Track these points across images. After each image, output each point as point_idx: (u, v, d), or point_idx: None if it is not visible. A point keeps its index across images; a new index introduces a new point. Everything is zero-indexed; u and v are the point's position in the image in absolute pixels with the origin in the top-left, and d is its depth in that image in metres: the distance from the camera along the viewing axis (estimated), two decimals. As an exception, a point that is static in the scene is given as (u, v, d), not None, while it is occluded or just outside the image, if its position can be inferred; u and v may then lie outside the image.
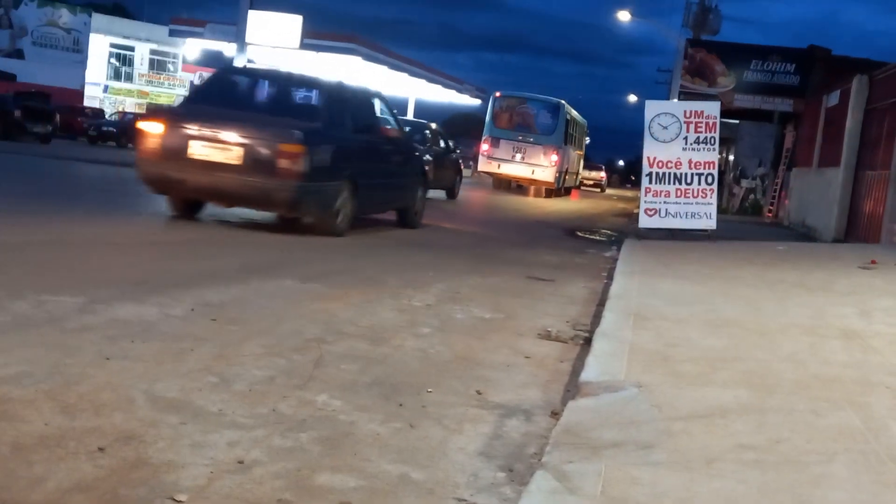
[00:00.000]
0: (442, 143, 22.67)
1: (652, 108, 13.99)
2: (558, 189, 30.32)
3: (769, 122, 27.05)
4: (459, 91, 49.44)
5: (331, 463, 3.07)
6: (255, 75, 12.19)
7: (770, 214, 25.56)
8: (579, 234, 15.76)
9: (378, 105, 11.98)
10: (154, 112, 16.64)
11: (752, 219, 25.42)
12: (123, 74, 55.26)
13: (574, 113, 32.81)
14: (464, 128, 75.18)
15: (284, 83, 11.25)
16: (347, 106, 10.74)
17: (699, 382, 4.18)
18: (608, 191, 56.18)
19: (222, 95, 10.55)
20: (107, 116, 38.12)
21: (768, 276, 8.93)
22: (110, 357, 4.07)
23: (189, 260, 7.45)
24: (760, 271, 9.37)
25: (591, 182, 53.27)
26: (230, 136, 9.19)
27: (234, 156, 9.15)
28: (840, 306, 6.88)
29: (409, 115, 51.88)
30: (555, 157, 27.88)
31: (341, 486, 2.87)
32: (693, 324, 5.73)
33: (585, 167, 46.85)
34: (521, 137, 28.37)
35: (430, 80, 43.41)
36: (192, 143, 9.25)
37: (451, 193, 22.44)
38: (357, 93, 11.67)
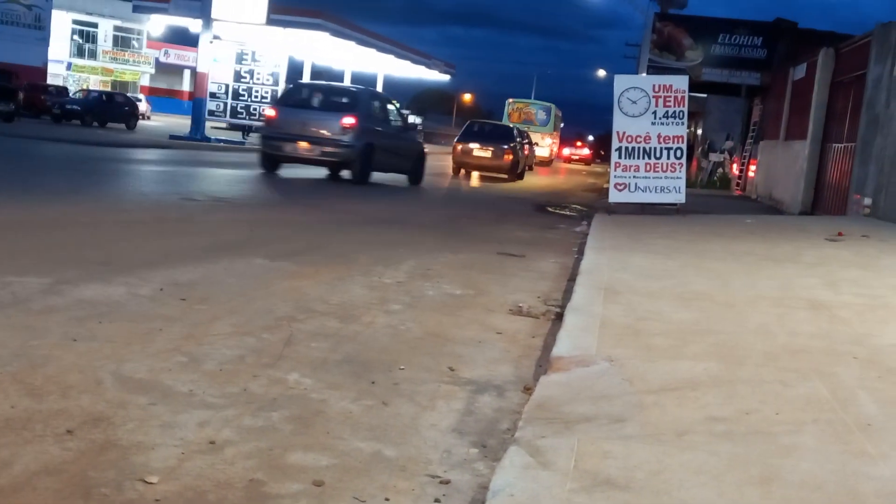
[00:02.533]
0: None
1: (621, 82, 13.99)
2: (550, 161, 42.81)
3: (737, 95, 27.19)
4: (428, 66, 49.15)
5: (303, 441, 3.05)
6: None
7: (738, 187, 25.75)
8: (549, 209, 15.78)
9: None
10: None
11: (720, 192, 25.59)
12: (87, 51, 54.38)
13: (556, 110, 46.82)
14: (432, 104, 74.99)
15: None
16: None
17: (670, 356, 4.20)
18: (577, 166, 56.71)
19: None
20: (71, 94, 37.48)
21: (737, 248, 8.99)
22: (77, 338, 4.01)
23: (157, 239, 7.37)
24: (729, 244, 9.44)
25: (578, 157, 68.44)
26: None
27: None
28: (807, 278, 6.95)
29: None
30: (549, 140, 38.40)
31: (314, 465, 2.86)
32: (664, 297, 5.76)
33: (574, 146, 69.46)
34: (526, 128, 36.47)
35: (399, 56, 43.07)
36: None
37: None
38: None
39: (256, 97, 29.06)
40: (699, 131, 32.33)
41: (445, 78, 54.09)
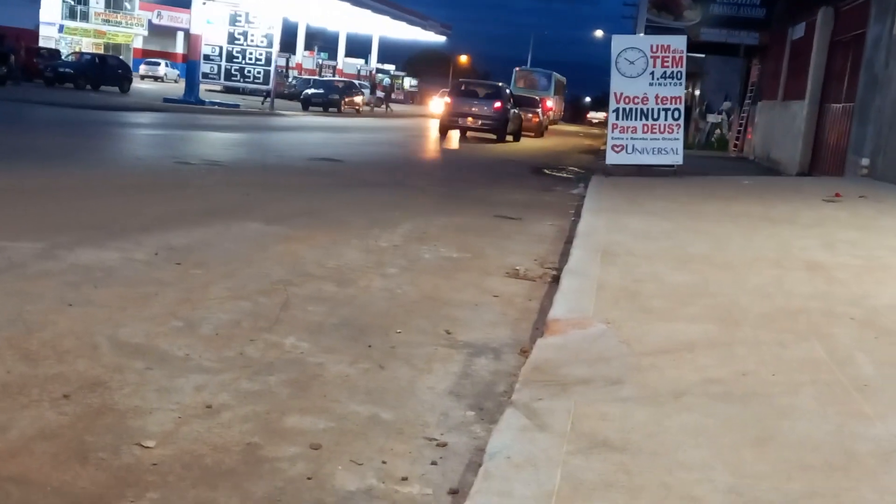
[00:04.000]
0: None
1: (619, 42, 13.86)
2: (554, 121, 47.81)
3: (735, 56, 26.97)
4: (424, 27, 48.75)
5: (300, 405, 3.05)
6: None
7: (736, 148, 25.65)
8: (546, 171, 15.72)
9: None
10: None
11: (718, 153, 25.50)
12: (79, 14, 53.74)
13: (558, 77, 53.27)
14: (428, 65, 74.37)
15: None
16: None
17: (667, 318, 4.20)
18: (572, 127, 56.61)
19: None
20: (63, 57, 37.08)
21: (734, 210, 8.97)
22: (72, 303, 4.00)
23: (152, 204, 7.33)
24: (726, 206, 9.41)
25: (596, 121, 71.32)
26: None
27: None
28: (805, 239, 6.93)
29: (374, 54, 51.37)
30: (550, 103, 42.05)
31: (311, 428, 2.86)
32: (661, 259, 5.75)
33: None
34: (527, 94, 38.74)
35: (395, 17, 42.72)
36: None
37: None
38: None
39: (251, 59, 28.81)
40: (697, 92, 32.14)
41: (441, 39, 53.69)
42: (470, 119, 24.41)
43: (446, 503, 2.46)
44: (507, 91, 27.36)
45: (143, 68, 51.35)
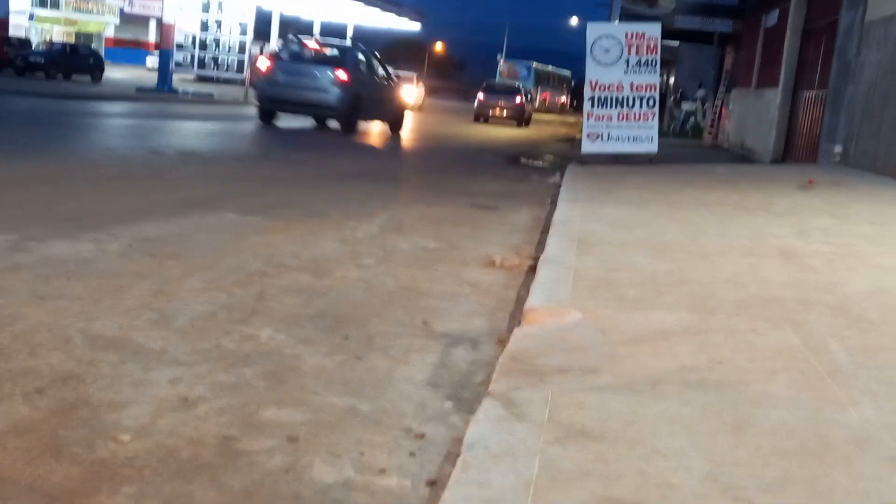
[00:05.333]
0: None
1: (594, 30, 13.88)
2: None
3: (709, 44, 27.11)
4: (398, 14, 48.48)
5: (276, 397, 3.04)
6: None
7: (710, 136, 25.79)
8: (522, 160, 15.73)
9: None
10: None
11: (693, 142, 25.64)
12: (50, 2, 53.07)
13: (539, 66, 57.88)
14: (403, 54, 74.13)
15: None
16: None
17: (643, 306, 4.21)
18: (549, 116, 56.65)
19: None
20: (34, 46, 36.62)
21: (709, 198, 9.02)
22: (45, 296, 3.95)
23: (126, 194, 7.26)
24: (701, 194, 9.46)
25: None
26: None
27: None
28: (779, 226, 6.98)
29: (348, 42, 51.08)
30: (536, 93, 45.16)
31: (288, 421, 2.85)
32: (636, 248, 5.77)
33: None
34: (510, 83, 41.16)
35: (368, 3, 42.45)
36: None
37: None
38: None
39: (224, 48, 28.59)
40: (671, 80, 32.28)
41: (416, 27, 53.43)
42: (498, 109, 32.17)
43: (424, 494, 2.45)
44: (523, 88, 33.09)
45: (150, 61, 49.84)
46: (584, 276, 4.80)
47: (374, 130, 19.85)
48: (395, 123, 20.12)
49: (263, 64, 18.79)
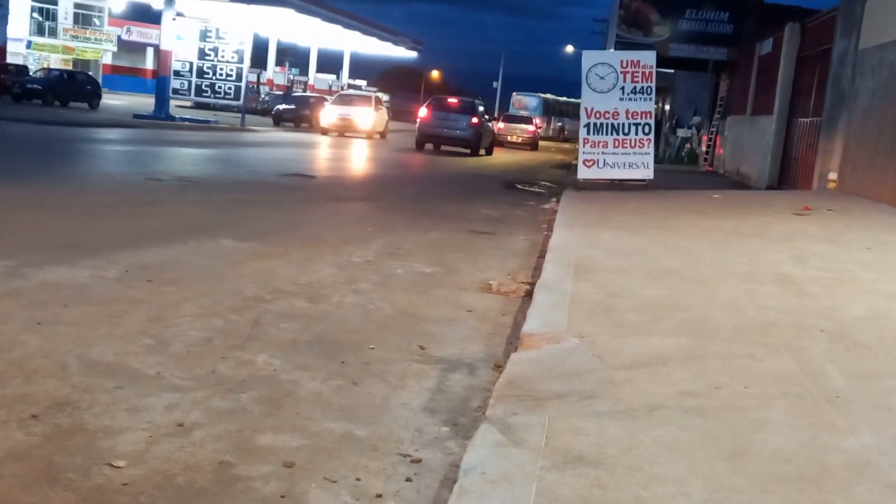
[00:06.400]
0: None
1: (589, 58, 13.97)
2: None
3: (704, 71, 27.29)
4: (395, 43, 48.82)
5: (273, 423, 3.02)
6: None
7: (706, 163, 25.88)
8: (518, 186, 15.76)
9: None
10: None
11: (688, 168, 25.72)
12: (47, 29, 53.27)
13: (551, 97, 59.43)
14: (400, 81, 74.40)
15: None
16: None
17: (641, 332, 4.21)
18: (546, 143, 57.13)
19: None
20: (31, 73, 36.73)
21: (705, 224, 9.04)
22: (42, 322, 3.95)
23: (122, 221, 7.27)
24: (697, 220, 9.48)
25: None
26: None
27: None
28: (775, 253, 7.00)
29: (345, 70, 51.38)
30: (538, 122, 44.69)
31: (284, 446, 2.83)
32: (633, 274, 5.77)
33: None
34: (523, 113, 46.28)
35: (365, 32, 42.73)
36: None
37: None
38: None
39: (221, 75, 28.67)
40: (667, 107, 32.43)
41: (413, 55, 53.78)
42: (515, 136, 37.31)
43: (422, 520, 2.44)
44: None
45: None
46: (580, 301, 4.80)
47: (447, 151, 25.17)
48: (489, 149, 27.97)
49: (422, 112, 26.32)
